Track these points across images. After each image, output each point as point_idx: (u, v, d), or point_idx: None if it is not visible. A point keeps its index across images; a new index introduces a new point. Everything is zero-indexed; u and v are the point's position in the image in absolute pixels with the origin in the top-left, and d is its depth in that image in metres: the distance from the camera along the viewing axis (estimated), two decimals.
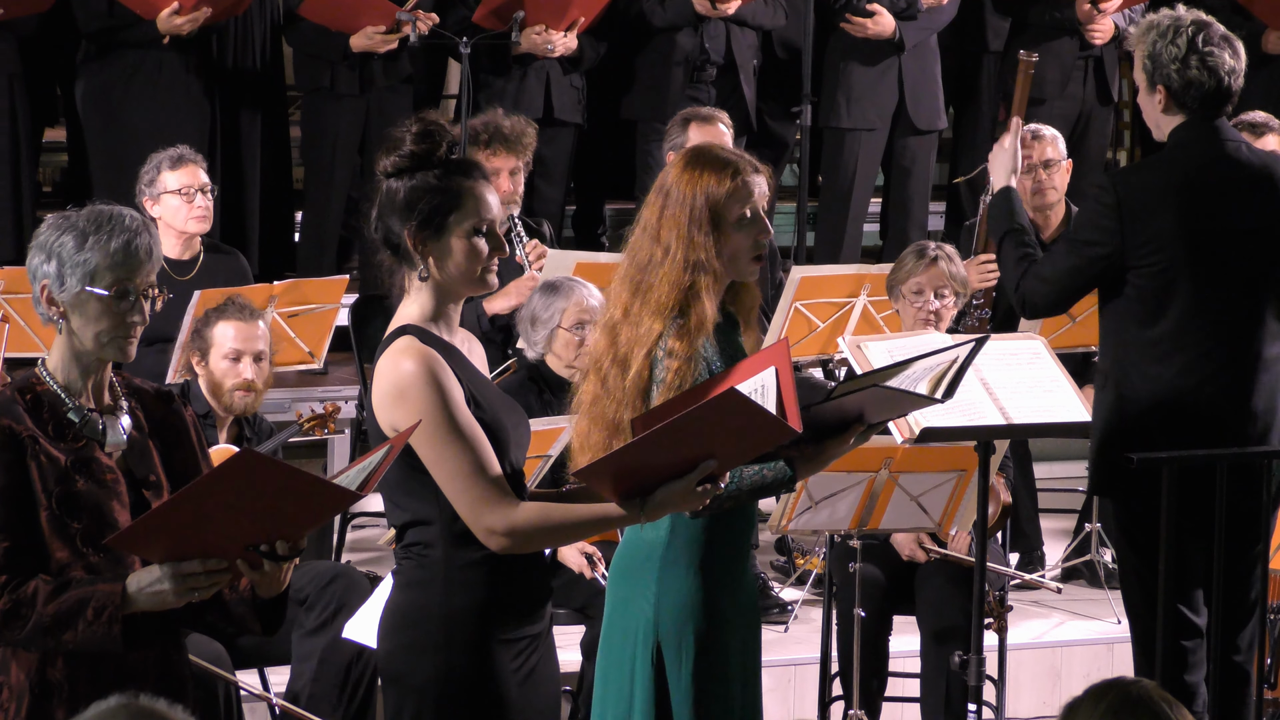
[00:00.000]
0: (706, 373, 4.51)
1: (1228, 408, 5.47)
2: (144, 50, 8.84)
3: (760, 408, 4.03)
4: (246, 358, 6.69)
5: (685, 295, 4.54)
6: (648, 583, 4.65)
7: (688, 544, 4.62)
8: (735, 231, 4.57)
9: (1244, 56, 5.55)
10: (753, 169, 4.62)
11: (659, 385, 4.50)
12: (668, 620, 4.63)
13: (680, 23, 9.54)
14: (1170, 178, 5.48)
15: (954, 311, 7.06)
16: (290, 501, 3.73)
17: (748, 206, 4.58)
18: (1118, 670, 6.82)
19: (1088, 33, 9.82)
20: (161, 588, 3.79)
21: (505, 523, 4.07)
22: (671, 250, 4.56)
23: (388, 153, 4.18)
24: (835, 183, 9.91)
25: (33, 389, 3.93)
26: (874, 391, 4.40)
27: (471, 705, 4.17)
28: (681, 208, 4.57)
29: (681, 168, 4.61)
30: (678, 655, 4.63)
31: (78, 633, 3.80)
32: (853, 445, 4.47)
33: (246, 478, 3.66)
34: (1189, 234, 5.43)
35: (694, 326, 4.52)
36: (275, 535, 3.78)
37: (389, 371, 4.10)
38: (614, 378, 4.56)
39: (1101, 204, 5.50)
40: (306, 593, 6.29)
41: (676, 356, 4.50)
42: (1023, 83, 7.66)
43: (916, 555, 6.69)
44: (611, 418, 4.53)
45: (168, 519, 3.71)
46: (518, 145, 7.76)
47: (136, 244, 3.89)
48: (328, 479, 3.76)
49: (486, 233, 4.17)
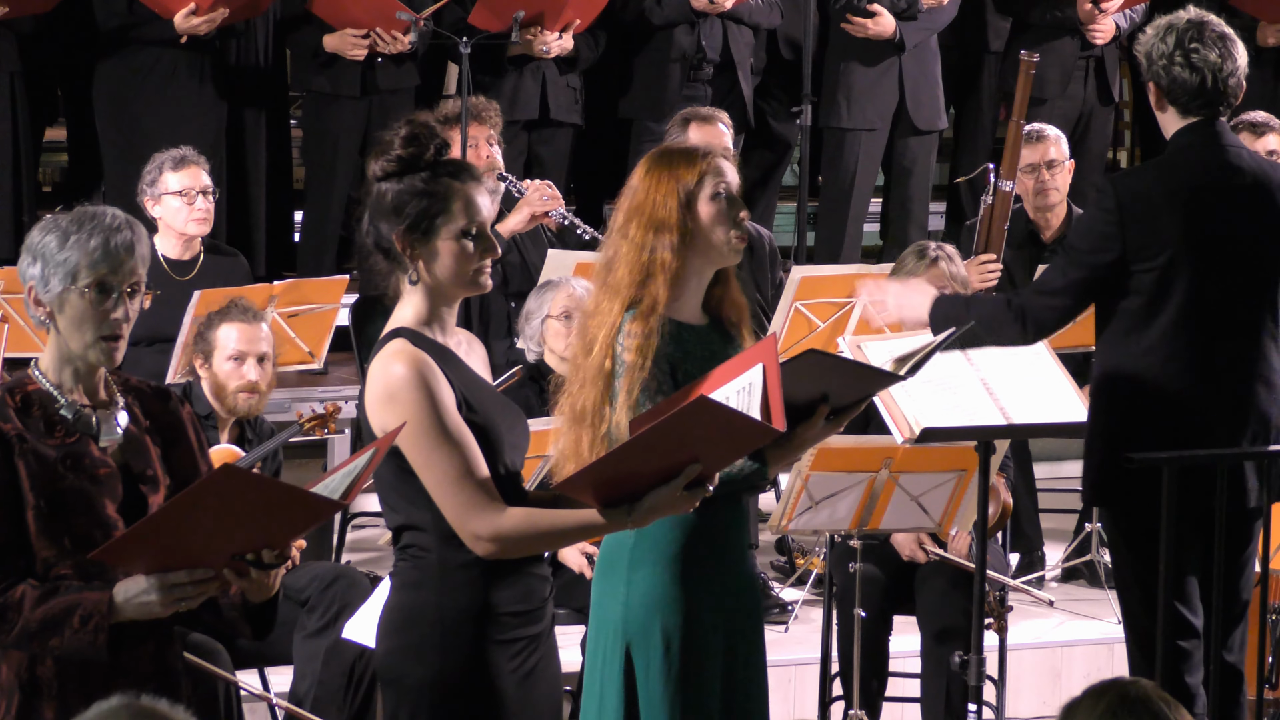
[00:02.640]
0: (665, 362, 4.49)
1: (1224, 412, 5.47)
2: (160, 49, 8.86)
3: (735, 411, 4.03)
4: (250, 360, 6.69)
5: (644, 272, 4.55)
6: (619, 581, 4.64)
7: (655, 541, 4.60)
8: (709, 208, 4.58)
9: (1241, 56, 5.54)
10: (721, 154, 4.65)
11: (620, 366, 4.51)
12: (635, 619, 4.61)
13: (677, 20, 9.55)
14: (1169, 182, 5.48)
15: None
16: (273, 513, 3.73)
17: (720, 184, 4.59)
18: (1118, 670, 6.82)
19: (1089, 33, 9.82)
20: (149, 599, 3.79)
21: (491, 529, 4.07)
22: (632, 238, 4.57)
23: (377, 156, 4.19)
24: (835, 183, 9.91)
25: (24, 388, 3.93)
26: (835, 364, 4.41)
27: (468, 706, 4.16)
28: (645, 202, 4.59)
29: (646, 167, 4.65)
30: (645, 655, 4.61)
31: (63, 639, 3.80)
32: (822, 431, 4.45)
33: (227, 493, 3.67)
34: (1187, 238, 5.43)
35: (647, 306, 4.53)
36: (261, 544, 3.77)
37: (380, 375, 4.11)
38: (579, 362, 4.59)
39: (1101, 209, 5.49)
40: (308, 594, 6.30)
41: (634, 335, 4.51)
42: (1023, 83, 7.67)
43: (917, 555, 6.69)
44: (577, 404, 4.54)
45: (151, 533, 3.71)
46: (482, 117, 8.17)
47: (116, 241, 3.89)
48: (308, 490, 3.75)
49: (475, 235, 4.17)
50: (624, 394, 4.49)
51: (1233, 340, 5.48)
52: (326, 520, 4.81)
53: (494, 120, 8.26)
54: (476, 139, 8.11)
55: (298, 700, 6.25)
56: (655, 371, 4.49)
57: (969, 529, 6.50)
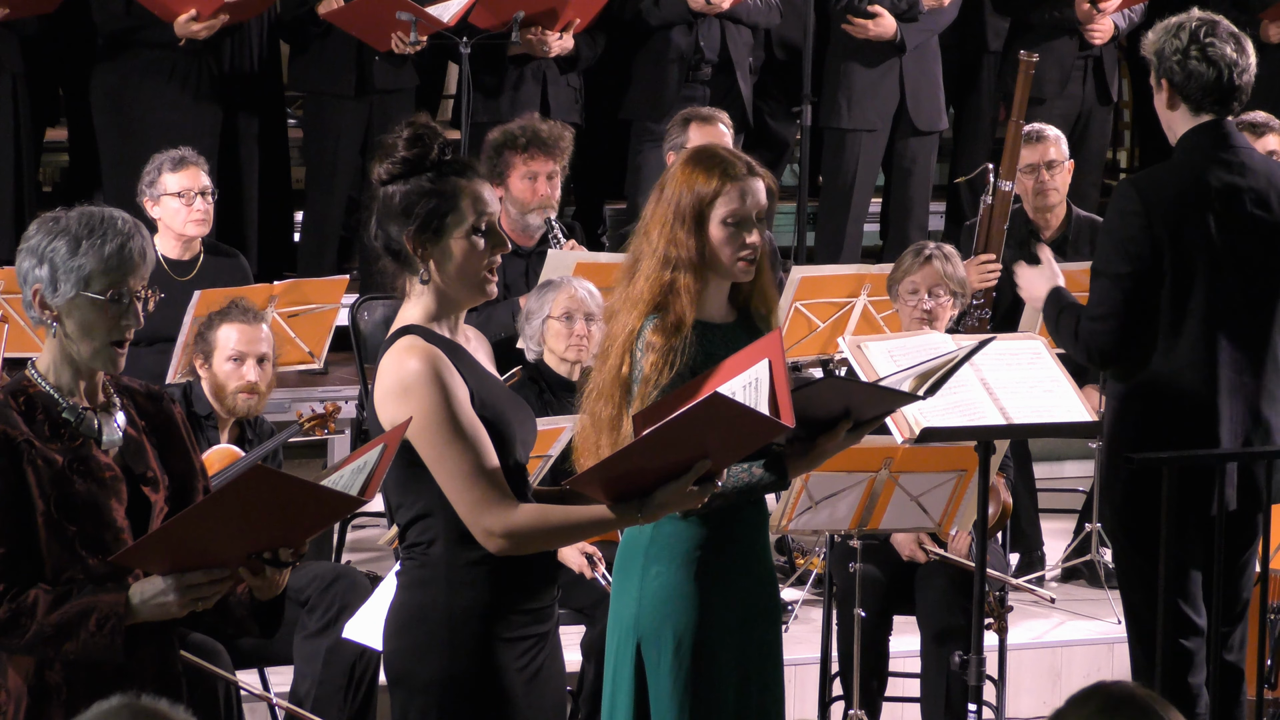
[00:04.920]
0: (687, 370, 4.51)
1: (1238, 414, 5.47)
2: (159, 51, 8.86)
3: (747, 408, 4.03)
4: (250, 360, 6.70)
5: (664, 291, 4.55)
6: (634, 578, 4.66)
7: (671, 541, 4.61)
8: (719, 232, 4.58)
9: (1252, 54, 5.54)
10: (747, 170, 4.62)
11: (638, 379, 4.52)
12: (647, 616, 4.62)
13: (675, 20, 9.55)
14: (1182, 183, 5.47)
15: (952, 312, 7.05)
16: (297, 511, 3.73)
17: (733, 208, 4.57)
18: (1118, 670, 6.83)
19: (1087, 33, 9.82)
20: (166, 599, 3.79)
21: (503, 525, 4.07)
22: (655, 245, 4.58)
23: (381, 159, 4.19)
24: (835, 183, 9.91)
25: (25, 391, 3.92)
26: (855, 388, 4.41)
27: (477, 704, 4.16)
28: (669, 205, 4.59)
29: (679, 166, 4.64)
30: (655, 652, 4.62)
31: (79, 643, 3.80)
32: (844, 442, 4.46)
33: (256, 493, 3.67)
34: (1196, 239, 5.42)
35: (672, 323, 4.53)
36: (279, 543, 3.78)
37: (393, 369, 4.10)
38: (596, 370, 4.61)
39: (1128, 212, 5.42)
40: (308, 595, 6.30)
41: (654, 350, 4.52)
42: (1023, 83, 7.67)
43: (916, 555, 6.69)
44: (593, 410, 4.57)
45: (176, 534, 3.71)
46: (554, 149, 7.80)
47: (130, 247, 3.88)
48: (333, 488, 3.76)
49: (486, 231, 4.18)
50: (638, 402, 4.51)
51: (1246, 344, 5.47)
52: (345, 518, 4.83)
53: (564, 151, 7.81)
54: (538, 172, 7.73)
55: (298, 700, 6.25)
56: (677, 382, 4.49)
57: (969, 529, 6.50)
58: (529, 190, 7.73)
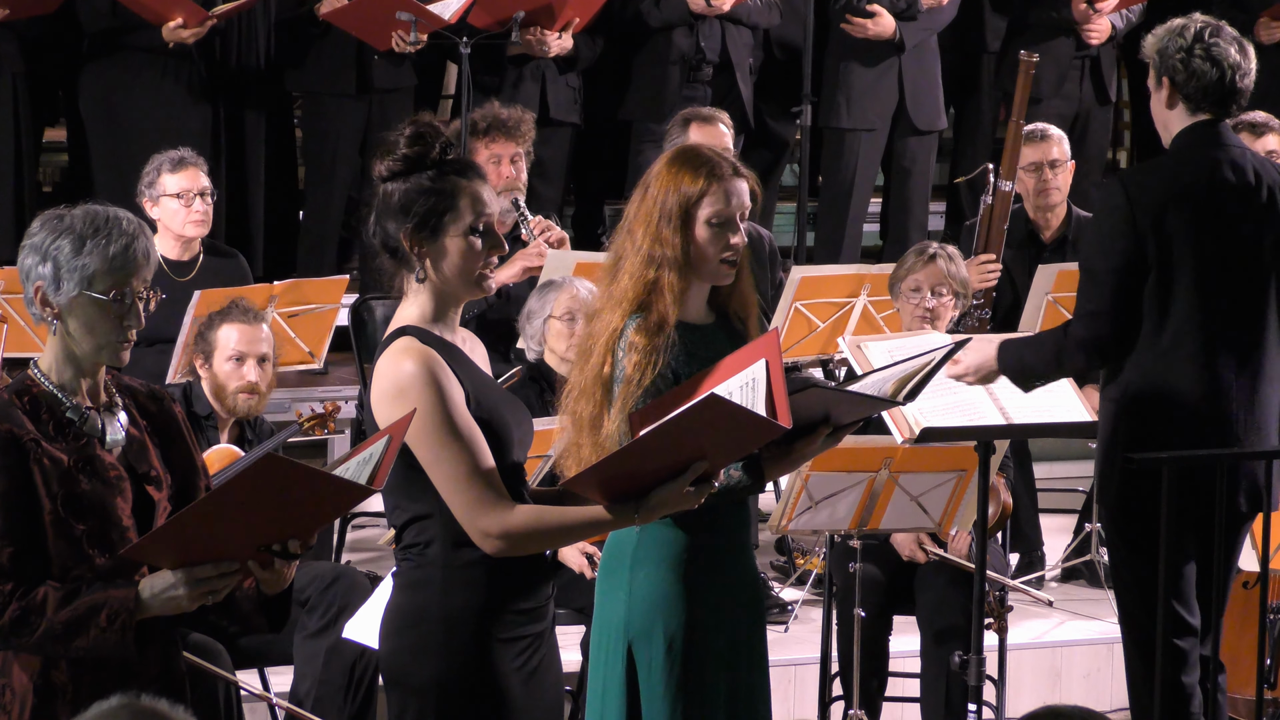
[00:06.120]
0: (669, 371, 4.50)
1: (1235, 414, 5.47)
2: (147, 52, 8.85)
3: (744, 409, 4.03)
4: (250, 360, 6.70)
5: (648, 290, 4.55)
6: (621, 581, 4.65)
7: (658, 542, 4.60)
8: (704, 232, 4.57)
9: (1254, 60, 5.55)
10: (732, 171, 4.60)
11: (620, 379, 4.51)
12: (637, 619, 4.62)
13: (675, 21, 9.55)
14: (1174, 180, 5.48)
15: (954, 312, 7.05)
16: (306, 502, 3.73)
17: (718, 209, 4.56)
18: (1118, 670, 6.82)
19: (1084, 33, 9.82)
20: (176, 593, 3.79)
21: (500, 526, 4.07)
22: (639, 244, 4.57)
23: (382, 157, 4.19)
24: (835, 183, 9.92)
25: (29, 390, 3.91)
26: (835, 396, 4.40)
27: (474, 705, 4.17)
28: (655, 203, 4.57)
29: (664, 165, 4.62)
30: (647, 655, 4.62)
31: (89, 639, 3.80)
32: (821, 446, 4.45)
33: (268, 483, 3.67)
34: (1190, 238, 5.43)
35: (654, 323, 4.53)
36: (288, 534, 3.78)
37: (389, 370, 4.11)
38: (577, 369, 4.60)
39: (1111, 206, 5.45)
40: (308, 594, 6.30)
41: (636, 350, 4.51)
42: (1023, 83, 7.68)
43: (916, 555, 6.69)
44: (574, 409, 4.56)
45: (187, 526, 3.71)
46: (515, 131, 7.93)
47: (134, 248, 3.88)
48: (344, 478, 3.76)
49: (483, 231, 4.18)
50: (620, 402, 4.50)
51: (1240, 343, 5.47)
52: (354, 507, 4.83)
53: (525, 135, 7.97)
54: (500, 155, 7.87)
55: (298, 700, 6.26)
56: (659, 382, 4.49)
57: (969, 529, 6.50)
58: (494, 174, 7.79)
